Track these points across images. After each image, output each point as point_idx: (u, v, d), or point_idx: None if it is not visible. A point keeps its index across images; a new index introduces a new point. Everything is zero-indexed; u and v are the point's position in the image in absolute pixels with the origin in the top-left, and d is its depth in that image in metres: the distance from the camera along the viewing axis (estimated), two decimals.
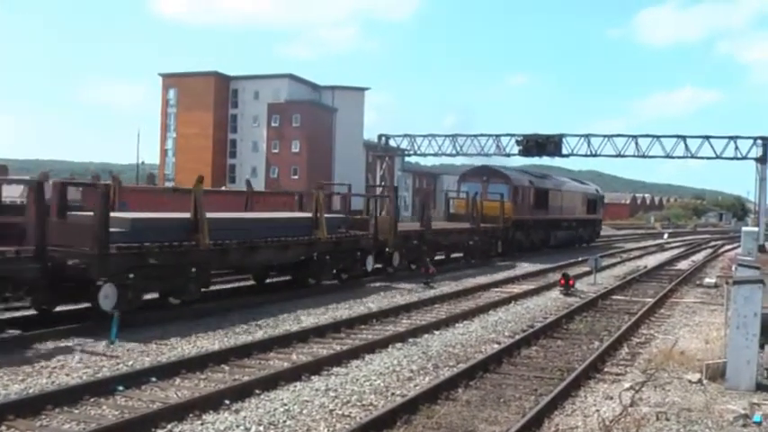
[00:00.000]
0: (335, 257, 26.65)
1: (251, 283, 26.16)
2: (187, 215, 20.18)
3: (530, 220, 50.89)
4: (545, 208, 54.15)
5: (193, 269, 19.88)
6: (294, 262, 25.03)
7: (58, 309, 17.62)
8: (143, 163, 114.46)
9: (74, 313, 18.01)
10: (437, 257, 37.40)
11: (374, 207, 32.42)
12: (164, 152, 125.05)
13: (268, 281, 26.45)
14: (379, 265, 30.48)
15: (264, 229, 23.59)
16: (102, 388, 12.14)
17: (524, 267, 39.08)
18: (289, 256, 24.46)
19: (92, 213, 17.65)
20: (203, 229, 19.97)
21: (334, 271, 27.12)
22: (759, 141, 57.02)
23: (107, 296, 16.97)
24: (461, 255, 40.87)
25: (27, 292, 16.61)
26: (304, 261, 25.19)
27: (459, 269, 36.67)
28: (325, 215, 26.22)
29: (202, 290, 20.72)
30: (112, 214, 18.19)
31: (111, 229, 17.53)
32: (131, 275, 17.82)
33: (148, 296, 19.31)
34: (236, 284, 26.09)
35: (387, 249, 30.78)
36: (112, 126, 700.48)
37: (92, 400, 11.64)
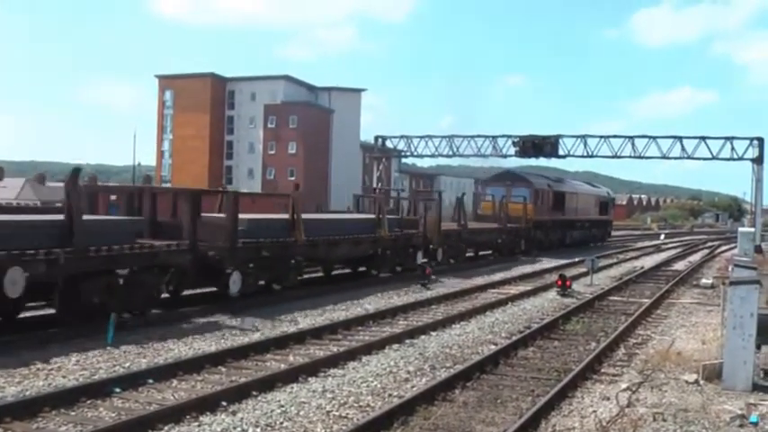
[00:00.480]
0: (394, 252, 31.73)
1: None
2: (286, 216, 24.98)
3: (548, 220, 55.77)
4: (562, 210, 59.04)
5: (292, 261, 24.38)
6: (363, 256, 29.93)
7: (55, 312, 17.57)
8: (139, 164, 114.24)
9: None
10: (468, 254, 42.61)
11: (423, 209, 37.66)
12: (160, 153, 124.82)
13: (333, 273, 31.12)
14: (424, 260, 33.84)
15: (340, 227, 29.00)
16: (98, 390, 12.15)
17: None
18: (360, 251, 29.38)
19: (224, 215, 22.21)
20: (299, 227, 24.39)
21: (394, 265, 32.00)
22: (755, 142, 57.07)
23: (235, 282, 21.22)
24: (489, 252, 46.13)
25: (177, 277, 20.91)
26: (371, 255, 30.21)
27: (488, 265, 40.64)
28: (387, 216, 31.29)
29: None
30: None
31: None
32: (251, 265, 22.28)
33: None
34: None
35: (431, 246, 35.45)
36: (109, 127, 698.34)
37: (88, 401, 11.66)
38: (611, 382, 14.35)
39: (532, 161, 68.37)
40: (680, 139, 58.66)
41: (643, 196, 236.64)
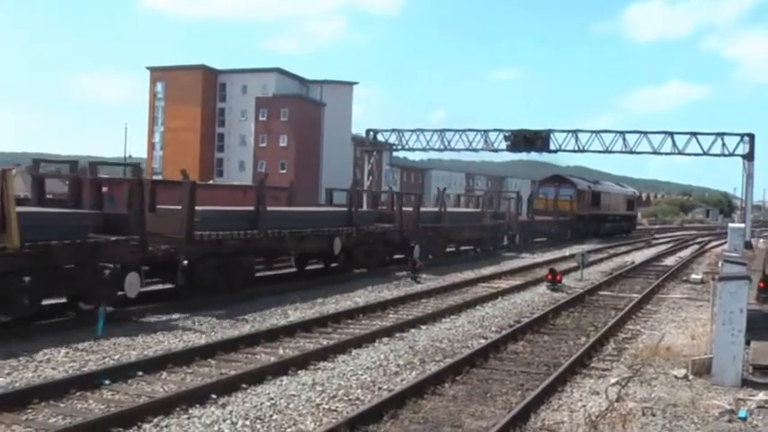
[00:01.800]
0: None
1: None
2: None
3: (587, 215, 67.96)
4: (598, 206, 71.67)
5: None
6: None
7: (45, 303, 17.51)
8: (130, 156, 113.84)
9: (60, 308, 17.96)
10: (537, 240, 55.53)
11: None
12: (151, 146, 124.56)
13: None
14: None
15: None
16: (88, 382, 12.16)
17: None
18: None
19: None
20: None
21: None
22: (746, 138, 57.19)
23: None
24: (545, 239, 57.21)
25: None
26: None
27: (546, 247, 52.91)
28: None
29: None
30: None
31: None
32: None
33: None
34: None
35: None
36: (100, 119, 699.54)
37: (78, 393, 11.67)
38: (601, 376, 14.37)
39: (523, 155, 68.62)
40: (671, 134, 58.78)
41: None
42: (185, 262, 20.68)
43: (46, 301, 17.36)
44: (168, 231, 20.60)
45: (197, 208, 21.30)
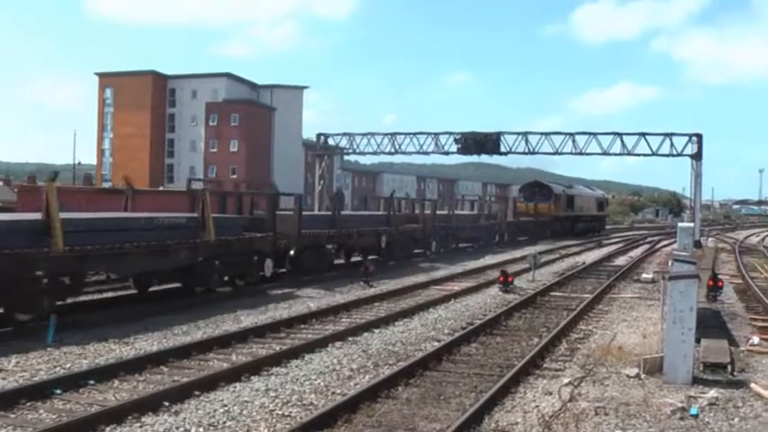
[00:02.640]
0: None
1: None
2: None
3: (563, 216, 75.40)
4: (572, 208, 79.23)
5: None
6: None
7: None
8: (80, 163, 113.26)
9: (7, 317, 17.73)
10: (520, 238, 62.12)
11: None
12: (101, 152, 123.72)
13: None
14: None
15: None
16: (38, 391, 12.01)
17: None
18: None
19: None
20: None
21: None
22: (694, 138, 58.03)
23: None
24: (527, 237, 63.78)
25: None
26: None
27: (528, 243, 59.18)
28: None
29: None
30: None
31: None
32: None
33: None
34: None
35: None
36: (49, 126, 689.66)
37: (28, 404, 11.52)
38: (554, 376, 14.42)
39: (474, 158, 68.95)
40: (620, 135, 59.42)
41: None
42: (292, 252, 28.74)
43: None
44: (284, 230, 28.29)
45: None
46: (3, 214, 22.61)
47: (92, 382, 12.91)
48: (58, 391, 12.16)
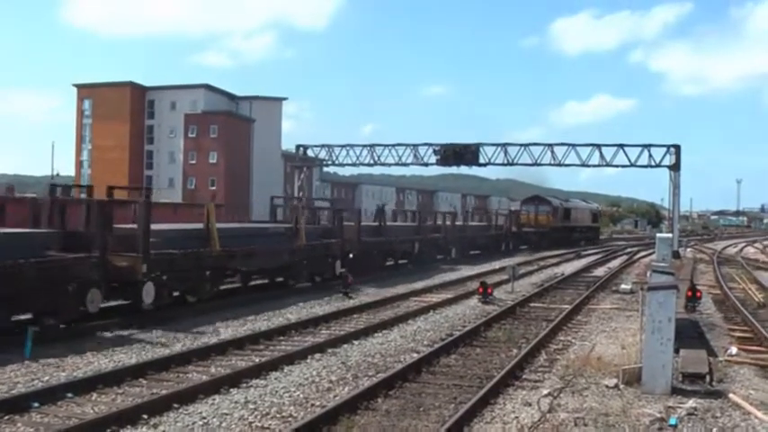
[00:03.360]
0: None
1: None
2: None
3: (561, 226, 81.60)
4: (569, 219, 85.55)
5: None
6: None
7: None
8: (57, 175, 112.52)
9: None
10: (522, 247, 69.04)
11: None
12: (79, 164, 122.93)
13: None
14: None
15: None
16: (16, 404, 11.94)
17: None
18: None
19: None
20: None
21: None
22: (672, 149, 58.22)
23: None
24: (527, 246, 69.86)
25: None
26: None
27: (529, 251, 65.26)
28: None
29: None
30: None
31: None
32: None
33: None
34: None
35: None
36: (27, 137, 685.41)
37: (6, 417, 11.45)
38: (533, 387, 14.42)
39: (453, 169, 69.03)
40: (599, 146, 59.56)
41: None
42: (351, 255, 34.04)
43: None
44: (349, 237, 35.13)
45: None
46: (174, 225, 28.17)
47: (70, 395, 12.83)
48: (36, 405, 12.07)
